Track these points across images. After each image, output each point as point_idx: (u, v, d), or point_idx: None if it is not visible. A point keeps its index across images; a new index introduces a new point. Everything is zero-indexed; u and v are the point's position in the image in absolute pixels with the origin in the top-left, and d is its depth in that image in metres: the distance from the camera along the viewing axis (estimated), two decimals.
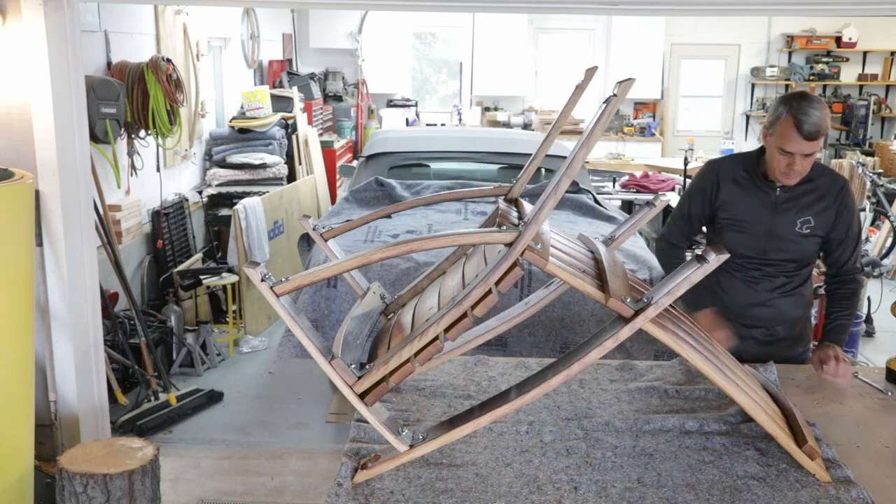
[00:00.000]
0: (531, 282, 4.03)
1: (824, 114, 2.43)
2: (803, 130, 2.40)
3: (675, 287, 1.65)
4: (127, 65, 4.92)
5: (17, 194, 2.86)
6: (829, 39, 10.12)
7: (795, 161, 2.47)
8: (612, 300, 1.67)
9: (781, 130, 2.45)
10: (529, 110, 10.32)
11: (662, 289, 1.67)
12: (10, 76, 3.12)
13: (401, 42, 10.04)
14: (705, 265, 1.63)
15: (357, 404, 1.72)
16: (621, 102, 1.70)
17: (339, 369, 1.71)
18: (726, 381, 1.77)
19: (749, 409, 1.79)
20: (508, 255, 1.62)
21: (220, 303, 5.64)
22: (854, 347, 4.67)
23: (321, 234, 2.42)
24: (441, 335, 1.65)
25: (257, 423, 4.30)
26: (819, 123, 2.41)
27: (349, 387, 1.70)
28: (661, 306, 1.65)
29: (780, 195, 2.61)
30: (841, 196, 2.61)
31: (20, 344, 2.92)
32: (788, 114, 2.42)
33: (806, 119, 2.39)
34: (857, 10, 5.19)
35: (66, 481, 2.83)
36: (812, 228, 2.60)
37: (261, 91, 7.20)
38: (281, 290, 1.70)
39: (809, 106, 2.41)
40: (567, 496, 1.81)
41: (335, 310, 4.07)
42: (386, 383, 1.71)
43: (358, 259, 1.72)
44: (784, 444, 1.83)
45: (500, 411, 1.71)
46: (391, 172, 5.54)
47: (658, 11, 5.83)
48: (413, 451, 1.75)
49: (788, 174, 2.52)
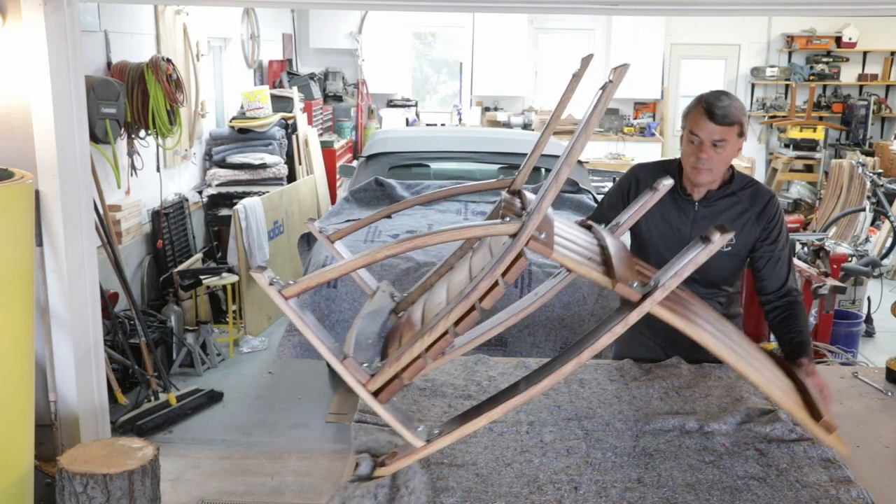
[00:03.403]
0: (531, 281, 4.03)
1: (737, 105, 2.39)
2: (711, 112, 2.36)
3: (682, 268, 1.64)
4: (127, 65, 4.92)
5: (17, 194, 2.87)
6: (829, 39, 10.12)
7: (704, 148, 2.38)
8: (620, 285, 1.66)
9: (692, 117, 2.42)
10: (529, 110, 10.32)
11: (669, 271, 1.66)
12: (10, 76, 3.12)
13: (401, 42, 10.04)
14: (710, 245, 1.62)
15: (371, 402, 1.72)
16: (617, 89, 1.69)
17: (352, 368, 1.71)
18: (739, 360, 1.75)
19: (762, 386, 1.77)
20: (513, 245, 1.61)
21: (220, 303, 5.64)
22: (854, 347, 4.68)
23: (327, 236, 2.41)
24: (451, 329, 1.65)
25: (257, 424, 4.30)
26: (728, 109, 2.36)
27: (362, 385, 1.70)
28: (668, 288, 1.64)
29: (699, 209, 2.51)
30: (767, 210, 2.49)
31: (20, 344, 2.92)
32: (699, 102, 2.42)
33: (716, 104, 2.37)
34: (857, 11, 5.20)
35: (66, 481, 2.83)
36: (733, 246, 2.47)
37: (261, 91, 7.20)
38: (289, 293, 1.71)
39: (721, 95, 2.40)
40: (567, 496, 1.81)
41: (335, 310, 4.07)
42: (399, 380, 1.71)
43: (364, 258, 1.72)
44: (801, 418, 1.80)
45: (513, 402, 1.71)
46: (391, 172, 5.54)
47: (658, 11, 5.84)
48: (430, 445, 1.75)
49: (697, 166, 2.41)
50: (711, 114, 2.36)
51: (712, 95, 2.40)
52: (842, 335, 4.53)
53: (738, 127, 2.39)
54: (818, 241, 4.85)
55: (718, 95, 2.40)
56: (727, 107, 2.37)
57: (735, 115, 2.37)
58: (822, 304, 4.11)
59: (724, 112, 2.36)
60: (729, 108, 2.37)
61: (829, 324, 4.18)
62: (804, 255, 4.81)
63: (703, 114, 2.38)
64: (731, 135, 2.38)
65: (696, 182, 2.47)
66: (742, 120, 2.40)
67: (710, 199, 2.51)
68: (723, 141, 2.38)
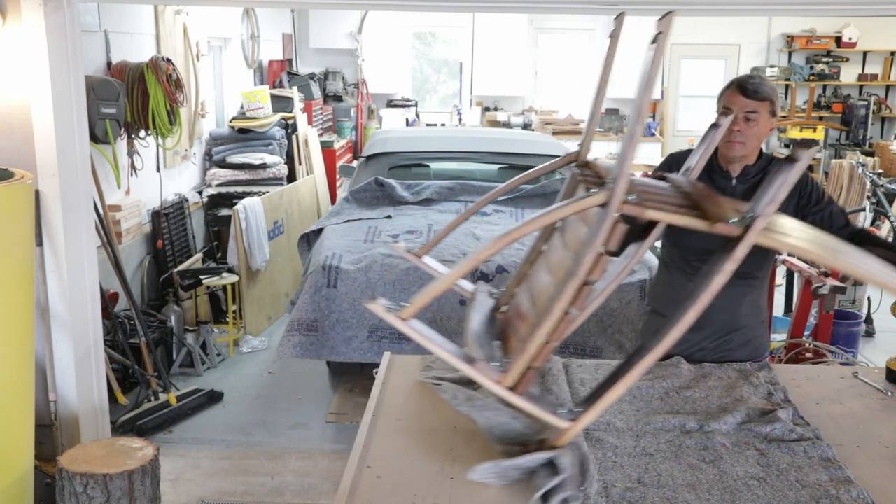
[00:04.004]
0: None
1: (769, 84, 2.53)
2: (743, 87, 2.50)
3: (777, 192, 1.64)
4: (127, 65, 4.92)
5: (17, 194, 2.87)
6: (829, 39, 10.12)
7: (737, 121, 2.50)
8: (718, 225, 1.67)
9: (726, 95, 2.55)
10: (529, 110, 10.32)
11: (763, 198, 1.67)
12: (10, 76, 3.13)
13: (401, 42, 10.04)
14: (798, 164, 1.63)
15: (510, 398, 1.75)
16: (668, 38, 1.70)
17: (484, 370, 1.74)
18: (849, 266, 1.77)
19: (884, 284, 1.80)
20: (606, 214, 1.63)
21: (220, 303, 5.64)
22: (854, 347, 4.68)
23: (415, 253, 2.40)
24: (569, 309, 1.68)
25: (257, 424, 4.30)
26: (759, 85, 2.51)
27: (498, 383, 1.73)
28: (768, 215, 1.66)
29: (737, 185, 2.60)
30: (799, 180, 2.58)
31: (20, 344, 2.92)
32: (732, 82, 2.57)
33: (748, 80, 2.52)
34: (857, 11, 5.19)
35: (66, 481, 2.83)
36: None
37: (261, 91, 7.20)
38: (406, 315, 1.73)
39: (754, 75, 2.58)
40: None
41: (335, 310, 4.07)
42: (532, 369, 1.73)
43: (468, 264, 1.74)
44: None
45: (647, 361, 1.73)
46: (391, 172, 5.54)
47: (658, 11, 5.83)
48: (576, 424, 1.78)
49: (731, 139, 2.52)
50: (744, 89, 2.50)
51: (744, 75, 2.58)
52: (842, 335, 4.53)
53: (770, 104, 2.52)
54: None
55: (751, 75, 2.58)
56: (759, 83, 2.52)
57: (766, 92, 2.51)
58: (822, 304, 4.10)
59: (756, 88, 2.50)
60: (760, 85, 2.52)
61: (829, 324, 4.17)
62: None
63: (736, 90, 2.52)
64: (763, 110, 2.51)
65: (730, 155, 2.57)
66: (773, 98, 2.53)
67: (748, 176, 2.60)
68: (755, 113, 2.50)
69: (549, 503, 1.70)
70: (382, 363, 2.45)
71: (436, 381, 2.23)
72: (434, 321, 4.02)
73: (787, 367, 2.61)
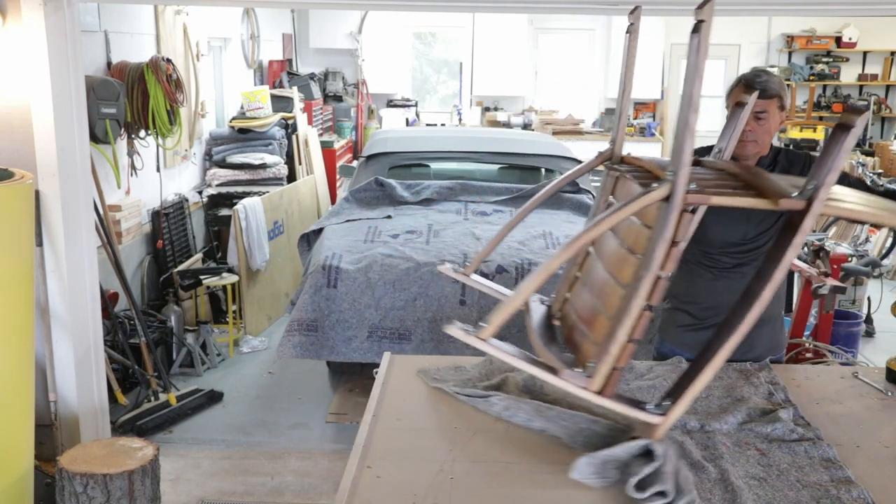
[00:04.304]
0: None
1: (775, 80, 2.55)
2: (751, 85, 2.52)
3: (835, 161, 1.65)
4: (127, 65, 4.92)
5: (17, 194, 2.86)
6: (829, 39, 10.12)
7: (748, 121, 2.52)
8: (783, 201, 1.69)
9: (734, 95, 2.57)
10: (529, 110, 10.32)
11: (821, 169, 1.68)
12: (10, 76, 3.12)
13: (401, 42, 10.04)
14: (853, 130, 1.64)
15: (601, 401, 1.77)
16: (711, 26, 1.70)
17: (571, 378, 1.76)
18: None
19: None
20: (673, 206, 1.65)
21: (220, 303, 5.64)
22: (854, 348, 4.68)
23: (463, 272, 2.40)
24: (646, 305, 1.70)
25: (257, 424, 4.30)
26: (766, 83, 2.52)
27: (586, 389, 1.75)
28: (829, 184, 1.67)
29: None
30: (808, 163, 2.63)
31: (20, 344, 2.92)
32: (740, 81, 2.59)
33: (755, 79, 2.54)
34: (857, 11, 5.19)
35: (66, 481, 2.83)
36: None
37: (261, 91, 7.20)
38: (486, 335, 1.75)
39: (760, 72, 2.58)
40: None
41: (335, 310, 4.07)
42: (617, 370, 1.74)
43: (542, 275, 1.74)
44: None
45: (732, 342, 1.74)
46: (391, 172, 5.54)
47: (658, 11, 5.83)
48: (667, 418, 1.80)
49: (743, 139, 2.53)
50: (750, 86, 2.51)
51: (751, 73, 2.58)
52: (842, 335, 4.53)
53: (778, 100, 2.55)
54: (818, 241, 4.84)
55: (757, 72, 2.58)
56: (766, 81, 2.53)
57: (774, 89, 2.53)
58: (822, 304, 4.11)
59: (764, 86, 2.51)
60: (768, 83, 2.53)
61: (829, 324, 4.18)
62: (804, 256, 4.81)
63: (744, 90, 2.53)
64: (772, 107, 2.54)
65: (743, 155, 2.59)
66: (781, 93, 2.56)
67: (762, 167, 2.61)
68: (764, 112, 2.53)
69: (644, 492, 1.73)
70: (382, 363, 2.45)
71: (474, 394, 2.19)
72: (434, 321, 4.02)
73: (787, 367, 2.61)
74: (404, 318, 4.04)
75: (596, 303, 1.96)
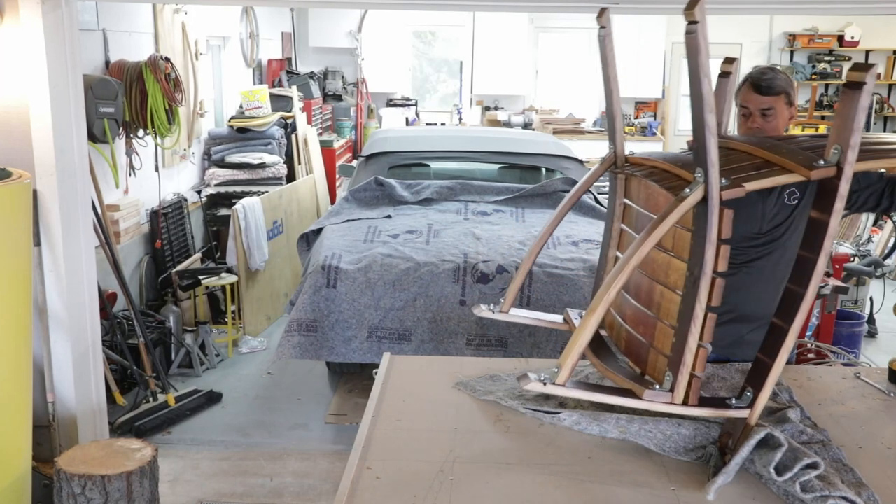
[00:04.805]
0: (531, 282, 4.02)
1: (782, 77, 2.56)
2: (757, 85, 2.54)
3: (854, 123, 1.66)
4: (125, 64, 4.91)
5: (15, 194, 2.85)
6: (831, 38, 10.10)
7: (754, 118, 2.55)
8: (814, 171, 1.71)
9: (741, 93, 2.59)
10: (530, 110, 10.30)
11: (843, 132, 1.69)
12: (8, 76, 3.11)
13: (401, 41, 10.03)
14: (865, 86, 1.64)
15: (688, 412, 1.80)
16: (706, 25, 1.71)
17: (654, 397, 1.78)
18: None
19: None
20: (712, 206, 1.67)
21: (218, 303, 5.63)
22: (856, 348, 4.66)
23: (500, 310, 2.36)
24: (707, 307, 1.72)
25: (256, 424, 4.29)
26: (772, 80, 2.53)
27: (671, 404, 1.78)
28: (855, 145, 1.68)
29: None
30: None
31: (18, 344, 2.91)
32: (746, 79, 2.60)
33: (761, 77, 2.55)
34: (859, 10, 5.18)
35: (64, 482, 2.82)
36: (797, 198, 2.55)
37: (260, 90, 7.18)
38: (563, 381, 1.74)
39: (766, 70, 2.59)
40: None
41: (335, 310, 4.06)
42: (696, 378, 1.76)
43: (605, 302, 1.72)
44: None
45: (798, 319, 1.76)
46: (391, 172, 5.53)
47: (658, 10, 5.82)
48: (755, 407, 1.83)
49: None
50: (758, 86, 2.54)
51: (757, 71, 2.60)
52: (844, 336, 4.52)
53: (785, 96, 2.56)
54: None
55: (763, 70, 2.60)
56: (772, 79, 2.55)
57: (780, 86, 2.54)
58: (824, 304, 4.09)
59: (769, 84, 2.53)
60: (773, 80, 2.54)
61: (831, 324, 4.17)
62: None
63: (751, 88, 2.56)
64: (780, 103, 2.55)
65: None
66: (788, 90, 2.57)
67: None
68: (771, 109, 2.55)
69: (782, 476, 1.75)
70: (382, 364, 2.44)
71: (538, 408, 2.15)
72: (434, 321, 4.00)
73: (789, 367, 2.59)
74: (404, 318, 4.03)
75: (646, 310, 1.96)
